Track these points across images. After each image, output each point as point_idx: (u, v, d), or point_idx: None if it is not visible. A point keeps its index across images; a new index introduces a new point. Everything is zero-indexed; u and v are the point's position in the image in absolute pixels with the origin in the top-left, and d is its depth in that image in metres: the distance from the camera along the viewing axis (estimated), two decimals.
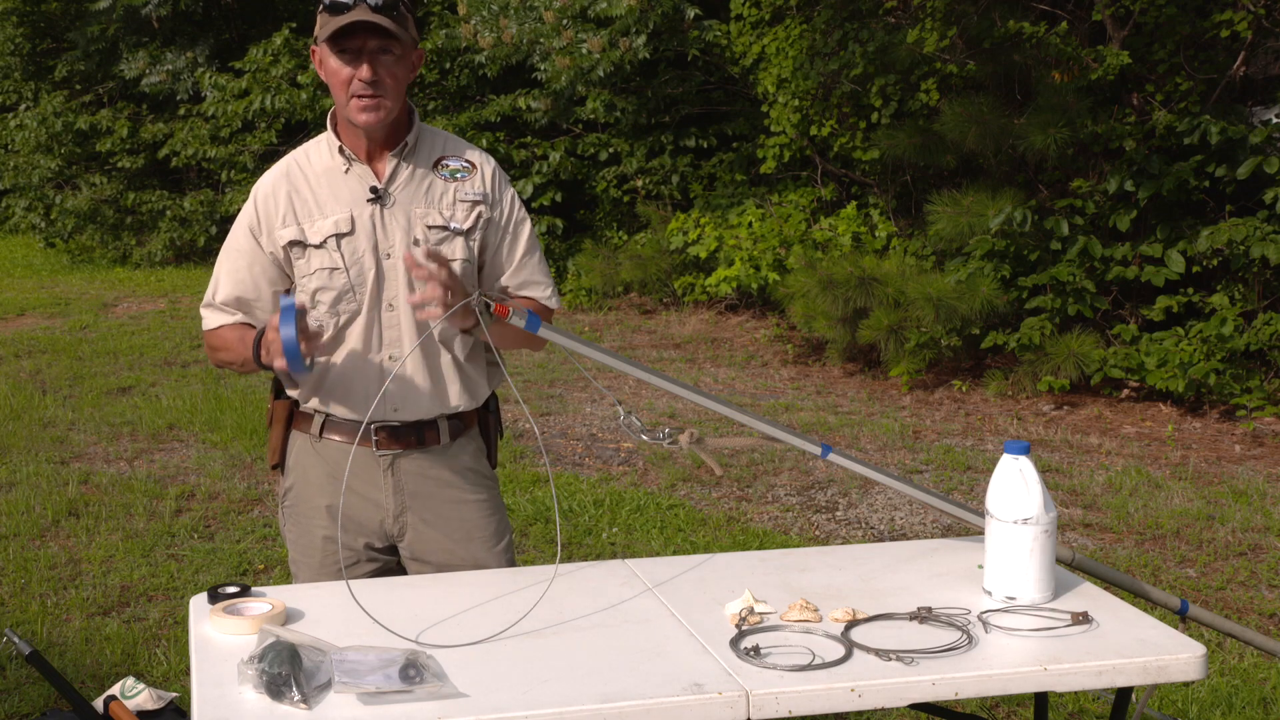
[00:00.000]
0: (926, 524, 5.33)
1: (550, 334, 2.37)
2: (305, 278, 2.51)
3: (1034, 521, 2.22)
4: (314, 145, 2.59)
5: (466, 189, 2.56)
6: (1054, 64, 7.43)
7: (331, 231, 2.49)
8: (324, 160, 2.55)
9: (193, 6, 13.91)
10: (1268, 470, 6.00)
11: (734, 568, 2.50)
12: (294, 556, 2.69)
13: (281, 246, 2.52)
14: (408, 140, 2.53)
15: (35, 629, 4.23)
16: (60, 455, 6.42)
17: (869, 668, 2.00)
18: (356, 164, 2.52)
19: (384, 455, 2.57)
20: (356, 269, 2.49)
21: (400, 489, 2.59)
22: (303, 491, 2.65)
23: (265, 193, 2.54)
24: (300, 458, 2.64)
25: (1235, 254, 6.78)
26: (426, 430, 2.58)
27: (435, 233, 2.51)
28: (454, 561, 2.61)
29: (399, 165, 2.53)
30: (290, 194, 2.53)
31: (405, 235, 2.50)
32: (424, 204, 2.53)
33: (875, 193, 9.31)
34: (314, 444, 2.61)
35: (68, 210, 13.97)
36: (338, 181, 2.52)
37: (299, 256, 2.51)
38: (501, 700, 1.89)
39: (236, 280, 2.56)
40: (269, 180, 2.56)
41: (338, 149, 2.53)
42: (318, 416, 2.59)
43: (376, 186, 2.51)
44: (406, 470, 2.59)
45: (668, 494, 5.72)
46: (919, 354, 7.70)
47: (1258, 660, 3.89)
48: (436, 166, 2.56)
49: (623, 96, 10.54)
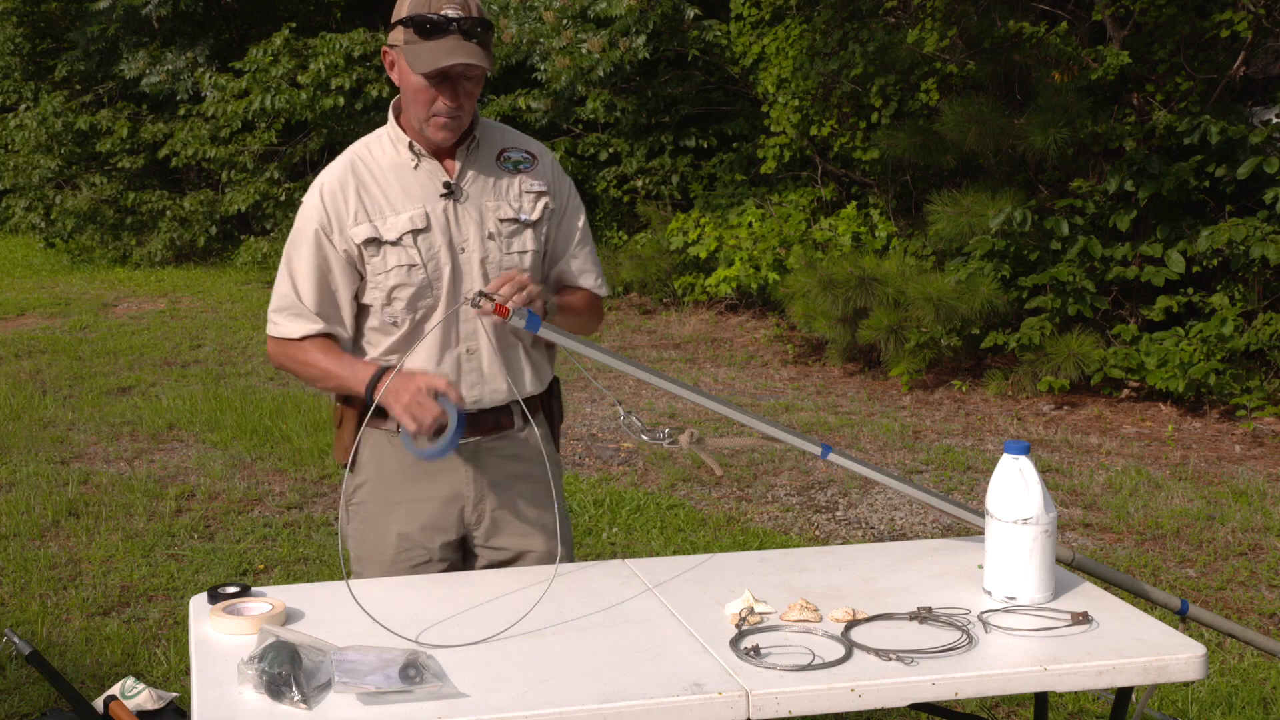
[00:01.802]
0: (926, 524, 5.33)
1: (550, 334, 2.38)
2: (381, 275, 2.50)
3: (1034, 521, 2.23)
4: (375, 140, 2.57)
5: (531, 180, 2.58)
6: (1054, 64, 7.43)
7: (408, 228, 2.48)
8: (390, 155, 2.54)
9: (193, 6, 13.90)
10: (1268, 470, 6.00)
11: (734, 568, 2.50)
12: (359, 554, 2.68)
13: (356, 245, 2.49)
14: (475, 135, 2.54)
15: (35, 629, 4.23)
16: (60, 455, 6.42)
17: (869, 668, 2.00)
18: (425, 159, 2.52)
19: (465, 444, 2.56)
20: (433, 264, 2.49)
21: (479, 476, 2.61)
22: (376, 489, 2.64)
23: (332, 189, 2.51)
24: (374, 454, 2.62)
25: (1235, 254, 6.78)
26: (502, 416, 2.60)
27: (507, 225, 2.54)
28: (526, 544, 2.64)
29: (468, 161, 2.54)
30: (359, 190, 2.51)
31: (479, 229, 2.52)
32: (494, 197, 2.54)
33: (875, 193, 9.31)
34: (391, 440, 2.59)
35: (68, 210, 13.97)
36: (407, 177, 2.52)
37: (374, 255, 2.49)
38: (501, 700, 1.89)
39: (319, 284, 2.51)
40: (333, 178, 2.52)
41: (406, 145, 2.52)
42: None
43: (449, 181, 2.51)
44: (485, 457, 2.61)
45: (668, 494, 5.72)
46: (919, 354, 7.70)
47: (1258, 660, 3.88)
48: (499, 159, 2.57)
49: (623, 96, 10.54)
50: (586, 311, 2.68)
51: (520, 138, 2.64)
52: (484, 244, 2.51)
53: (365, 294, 2.53)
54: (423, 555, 2.61)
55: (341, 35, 12.17)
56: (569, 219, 2.64)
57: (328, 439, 6.55)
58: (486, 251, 2.51)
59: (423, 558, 2.61)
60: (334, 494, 5.73)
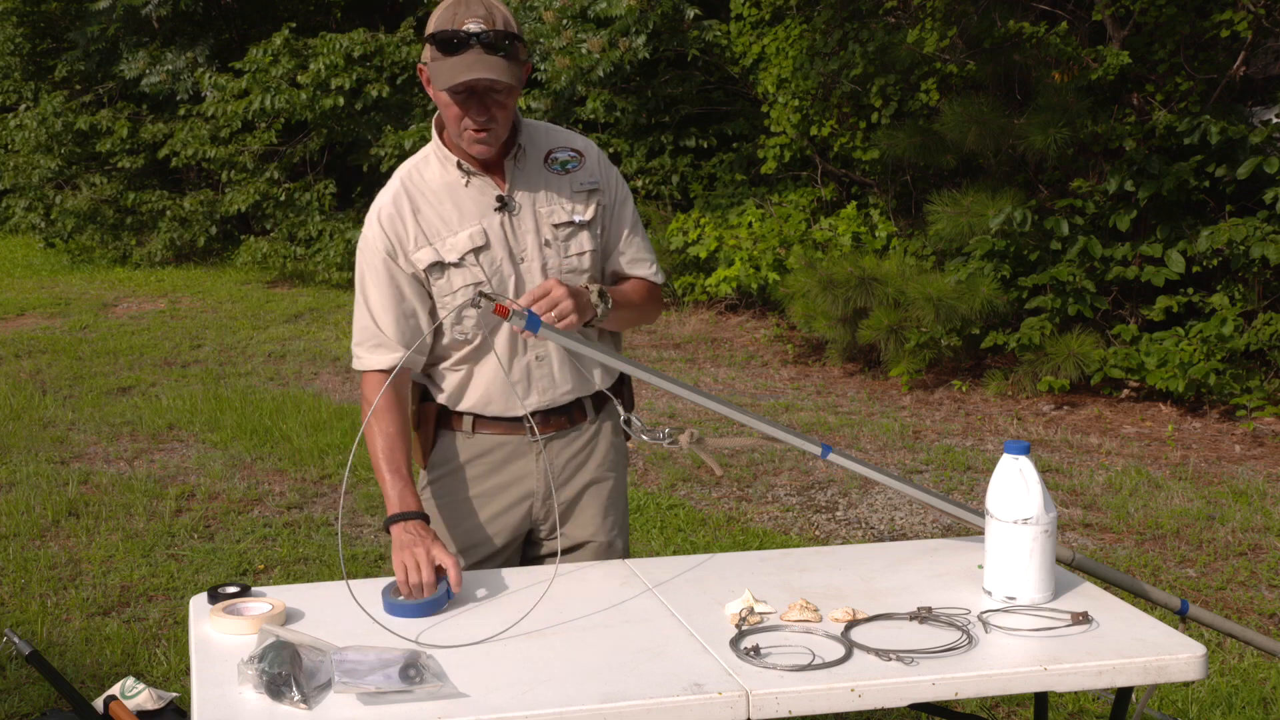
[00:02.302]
0: (926, 524, 5.33)
1: (550, 334, 2.37)
2: (449, 296, 2.52)
3: (1034, 521, 2.23)
4: (423, 161, 2.57)
5: (580, 178, 2.58)
6: (1054, 64, 7.43)
7: (468, 247, 2.50)
8: (439, 175, 2.54)
9: (193, 6, 13.89)
10: (1268, 470, 6.00)
11: (734, 568, 2.50)
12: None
13: (422, 269, 2.51)
14: (520, 143, 2.54)
15: (35, 629, 4.23)
16: (60, 455, 6.42)
17: (869, 668, 2.00)
18: (475, 176, 2.52)
19: (537, 440, 2.61)
20: (497, 279, 2.51)
21: (551, 471, 2.64)
22: (449, 485, 2.67)
23: (389, 216, 2.52)
24: (449, 453, 2.66)
25: (1235, 254, 6.77)
26: (575, 410, 2.65)
27: (562, 230, 2.55)
28: (587, 534, 2.68)
29: (515, 170, 2.54)
30: (414, 214, 2.51)
31: (535, 237, 2.53)
32: (546, 202, 2.55)
33: (875, 193, 9.31)
34: (466, 439, 2.64)
35: (68, 210, 13.96)
36: (460, 196, 2.52)
37: (438, 277, 2.51)
38: (501, 700, 1.89)
39: (395, 309, 2.52)
40: (388, 204, 2.53)
41: (454, 164, 2.52)
42: (468, 414, 2.62)
43: (501, 195, 2.52)
44: (558, 451, 2.65)
45: (668, 494, 5.73)
46: (919, 354, 7.70)
47: (1258, 660, 3.89)
48: (547, 162, 2.57)
49: (623, 96, 10.53)
50: (644, 301, 2.68)
51: (564, 134, 2.64)
52: (542, 251, 2.53)
53: (435, 314, 2.55)
54: (486, 552, 2.65)
55: (341, 35, 12.16)
56: (619, 211, 2.65)
57: (328, 439, 6.56)
58: (545, 258, 2.53)
59: (487, 553, 2.65)
60: (334, 494, 5.74)
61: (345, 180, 13.09)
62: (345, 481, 5.87)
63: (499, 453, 2.63)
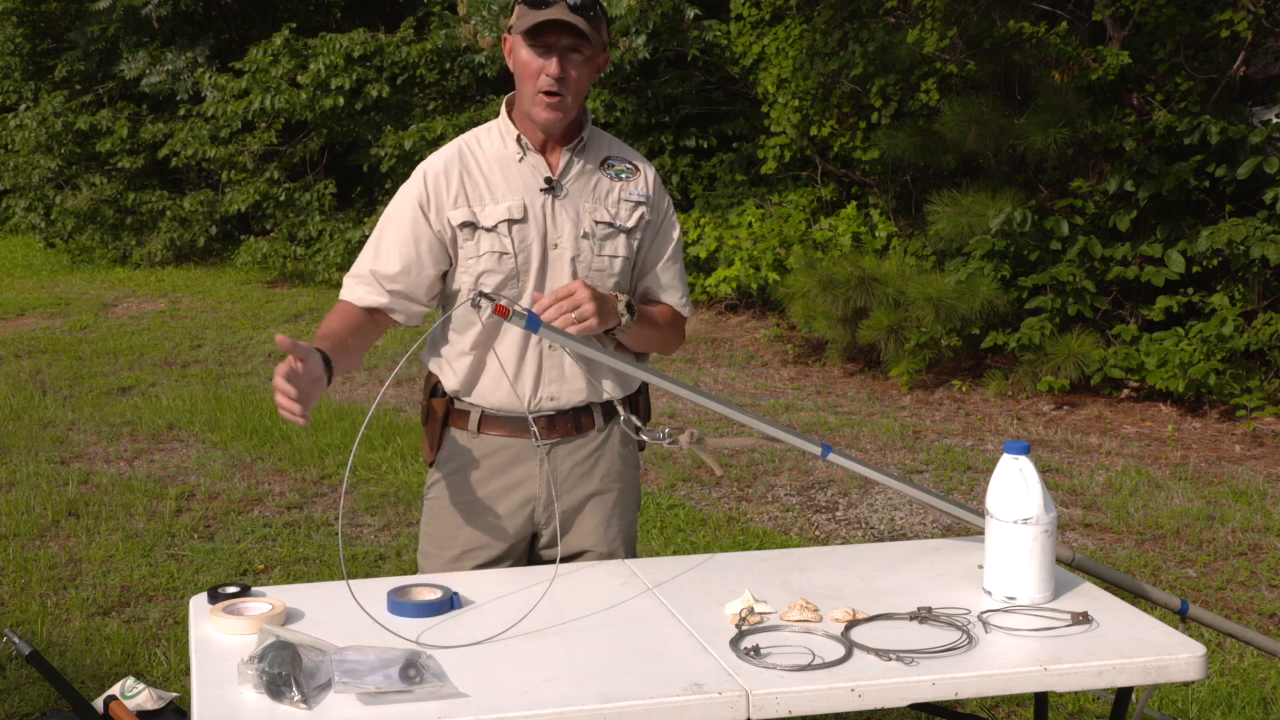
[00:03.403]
0: (926, 524, 5.33)
1: (550, 334, 2.38)
2: (472, 259, 2.53)
3: (1034, 521, 2.23)
4: (485, 131, 2.62)
5: (631, 189, 2.61)
6: (1054, 64, 7.43)
7: (505, 217, 2.52)
8: (497, 146, 2.58)
9: (193, 6, 13.90)
10: (1268, 470, 6.00)
11: (734, 568, 2.50)
12: (425, 549, 2.71)
13: (453, 226, 2.53)
14: (583, 136, 2.58)
15: (35, 629, 4.23)
16: (60, 455, 6.42)
17: (869, 668, 2.00)
18: (531, 153, 2.56)
19: (542, 445, 2.60)
20: (524, 255, 2.53)
21: (554, 477, 2.63)
22: (453, 485, 2.66)
23: (437, 171, 2.56)
24: (454, 452, 2.65)
25: (1235, 254, 6.78)
26: (583, 416, 2.63)
27: (602, 228, 2.56)
28: (588, 544, 2.67)
29: (571, 160, 2.57)
30: (463, 175, 2.55)
31: (574, 228, 2.54)
32: (593, 200, 2.57)
33: (875, 193, 9.31)
34: (471, 439, 2.63)
35: (68, 210, 13.96)
36: (510, 169, 2.56)
37: (468, 238, 2.53)
38: (501, 700, 1.89)
39: (404, 253, 2.55)
40: (440, 160, 2.58)
41: (515, 137, 2.56)
42: (474, 412, 2.61)
43: (551, 177, 2.55)
44: (562, 458, 2.64)
45: (668, 494, 5.73)
46: (919, 354, 7.71)
47: (1258, 660, 3.89)
48: (604, 165, 2.61)
49: (623, 96, 10.54)
50: (668, 326, 2.70)
51: (628, 150, 2.68)
52: (577, 243, 2.54)
53: (455, 279, 2.57)
54: (488, 555, 2.64)
55: (341, 35, 12.16)
56: (663, 234, 2.67)
57: (328, 439, 6.56)
58: (579, 250, 2.55)
59: (487, 557, 2.64)
60: (334, 494, 5.74)
61: (345, 180, 13.10)
62: (345, 481, 5.87)
63: (503, 455, 2.62)
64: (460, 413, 2.64)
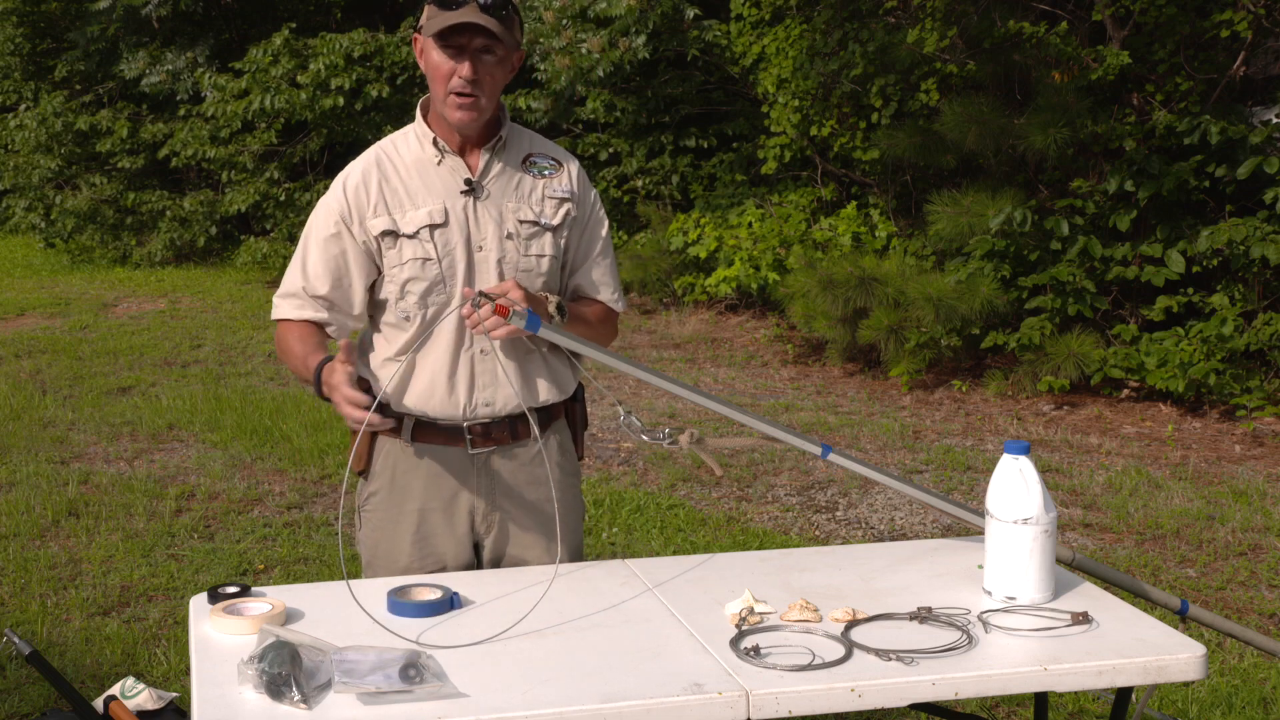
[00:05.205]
0: (926, 524, 5.33)
1: (550, 333, 2.37)
2: (396, 268, 2.51)
3: (1034, 521, 2.23)
4: (402, 136, 2.59)
5: (555, 186, 2.59)
6: (1054, 64, 7.43)
7: (425, 222, 2.50)
8: (414, 151, 2.56)
9: (193, 6, 13.89)
10: (1268, 470, 6.00)
11: (734, 568, 2.50)
12: (370, 561, 2.67)
13: (374, 236, 2.51)
14: (502, 135, 2.55)
15: (35, 629, 4.23)
16: (60, 455, 6.42)
17: (869, 668, 2.00)
18: (449, 156, 2.53)
19: (478, 454, 2.57)
20: (449, 260, 2.50)
21: (492, 487, 2.60)
22: (390, 497, 2.62)
23: (355, 183, 2.53)
24: (389, 463, 2.62)
25: (1235, 254, 6.78)
26: (519, 424, 2.58)
27: (526, 227, 2.54)
28: (531, 554, 2.63)
29: (491, 160, 2.55)
30: (381, 183, 2.53)
31: (498, 229, 2.52)
32: (515, 199, 2.55)
33: (875, 193, 9.31)
34: (404, 449, 2.59)
35: (68, 210, 13.96)
36: (429, 173, 2.53)
37: (390, 247, 2.51)
38: (501, 700, 1.89)
39: (331, 269, 2.53)
40: (358, 170, 2.55)
41: (430, 140, 2.54)
42: (408, 420, 2.57)
43: (470, 179, 2.52)
44: (499, 467, 2.60)
45: (668, 494, 5.73)
46: (919, 354, 7.70)
47: (1258, 660, 3.89)
48: (525, 163, 2.58)
49: (623, 96, 10.54)
50: (599, 324, 2.67)
51: (549, 145, 2.66)
52: (502, 244, 2.52)
53: (381, 288, 2.55)
54: (435, 564, 2.61)
55: (341, 35, 12.16)
56: (591, 230, 2.64)
57: (328, 439, 6.56)
58: (504, 251, 2.52)
59: (435, 566, 2.61)
60: (334, 494, 5.74)
61: None
62: (345, 481, 5.86)
63: (438, 465, 2.57)
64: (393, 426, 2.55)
